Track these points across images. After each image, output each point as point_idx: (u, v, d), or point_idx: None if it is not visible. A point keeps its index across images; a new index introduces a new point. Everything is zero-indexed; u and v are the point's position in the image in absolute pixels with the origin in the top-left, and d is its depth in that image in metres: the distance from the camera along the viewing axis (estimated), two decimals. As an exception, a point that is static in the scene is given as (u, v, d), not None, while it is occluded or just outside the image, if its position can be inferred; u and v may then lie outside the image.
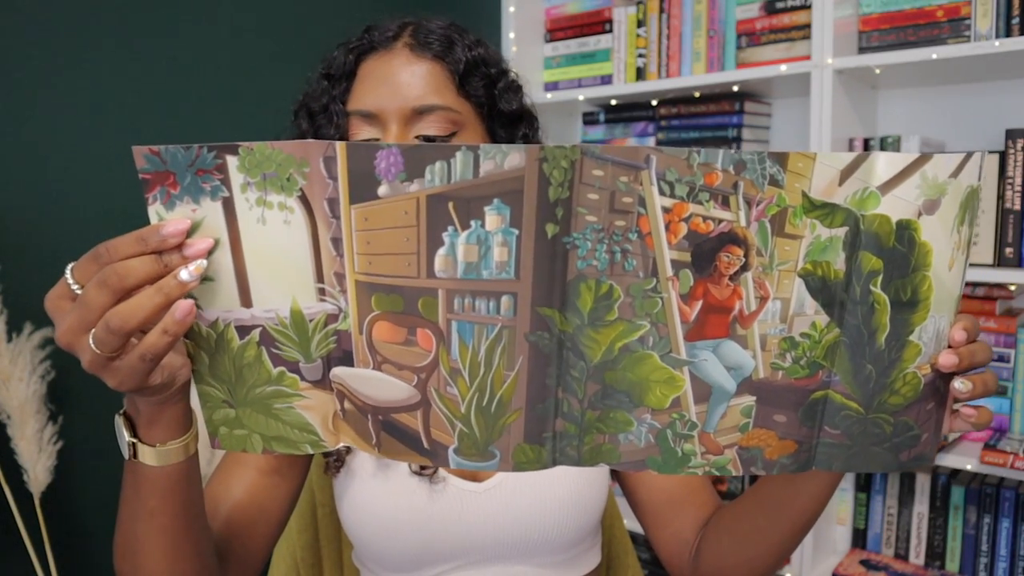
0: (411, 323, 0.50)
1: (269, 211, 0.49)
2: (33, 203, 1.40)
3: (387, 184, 0.47)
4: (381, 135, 0.75)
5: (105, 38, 1.46)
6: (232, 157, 0.47)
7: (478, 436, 0.53)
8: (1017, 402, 1.48)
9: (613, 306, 0.50)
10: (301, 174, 0.48)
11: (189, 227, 0.48)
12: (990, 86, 1.59)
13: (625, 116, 1.94)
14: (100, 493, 1.51)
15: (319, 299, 0.51)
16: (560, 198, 0.47)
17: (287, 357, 0.53)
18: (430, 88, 0.76)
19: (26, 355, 1.32)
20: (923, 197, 0.50)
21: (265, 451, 0.55)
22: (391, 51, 0.77)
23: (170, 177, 0.48)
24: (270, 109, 1.67)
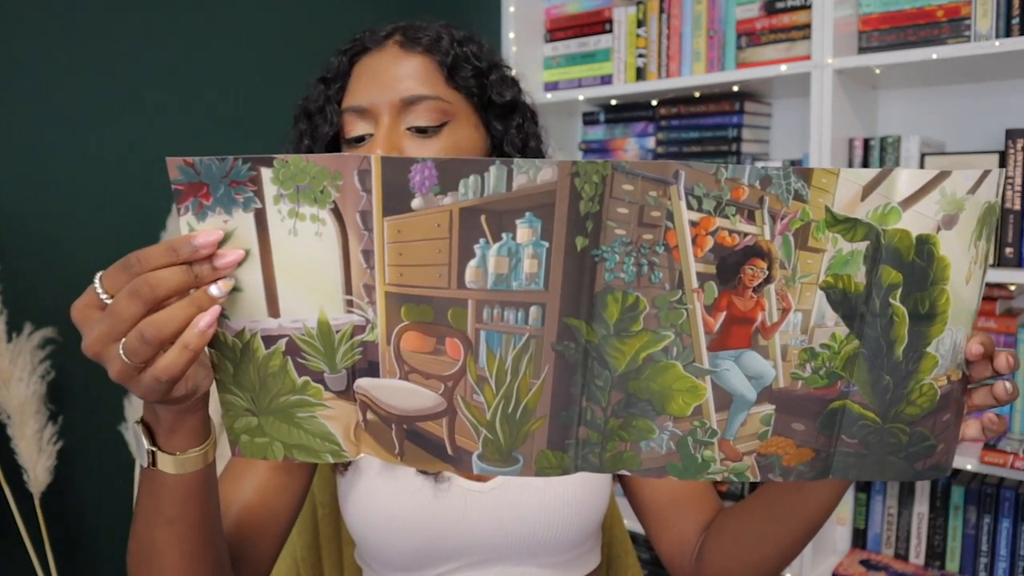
0: (440, 333, 0.51)
1: (301, 223, 0.49)
2: (33, 203, 1.40)
3: (421, 197, 0.48)
4: (373, 128, 0.77)
5: (105, 38, 1.46)
6: (266, 169, 0.48)
7: (502, 442, 0.53)
8: (1017, 402, 1.48)
9: (639, 317, 0.51)
10: (335, 187, 0.49)
11: (221, 238, 0.48)
12: (990, 86, 1.59)
13: (625, 116, 1.94)
14: (100, 493, 1.51)
15: (347, 310, 0.51)
16: (590, 212, 0.49)
17: (312, 367, 0.53)
18: (418, 79, 0.77)
19: (26, 355, 1.32)
20: (942, 212, 0.52)
21: (286, 458, 0.56)
22: (382, 49, 0.79)
23: (203, 188, 0.48)
24: (271, 109, 1.67)
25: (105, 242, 1.48)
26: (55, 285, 1.43)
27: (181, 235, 0.48)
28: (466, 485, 0.80)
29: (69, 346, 1.41)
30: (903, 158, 1.53)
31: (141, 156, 1.53)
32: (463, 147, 0.78)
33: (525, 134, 0.85)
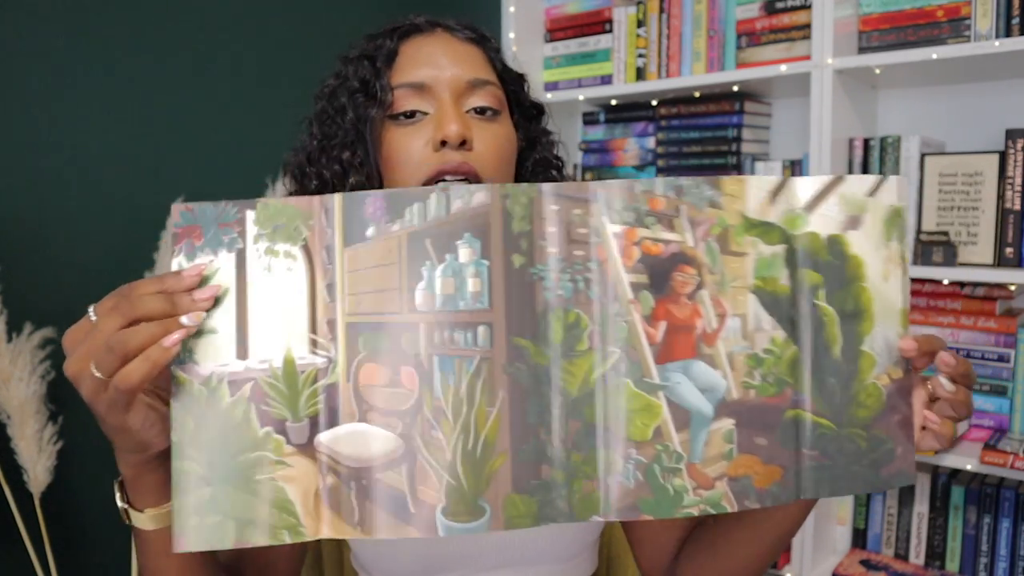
0: (395, 361, 0.53)
1: (275, 259, 0.53)
2: (33, 203, 1.40)
3: (374, 226, 0.53)
4: (429, 107, 0.74)
5: (106, 39, 1.46)
6: (251, 211, 0.53)
7: (466, 487, 0.53)
8: (1017, 402, 1.48)
9: (583, 335, 0.53)
10: (307, 226, 0.53)
11: (203, 271, 0.52)
12: (990, 86, 1.59)
13: (625, 116, 1.94)
14: (100, 493, 1.51)
15: (311, 350, 0.54)
16: (523, 231, 0.53)
17: (275, 414, 0.53)
18: (479, 65, 0.77)
19: (26, 355, 1.32)
20: (844, 214, 0.55)
21: (237, 542, 0.52)
22: (432, 34, 0.78)
23: (197, 230, 0.53)
24: (271, 109, 1.67)
25: (105, 243, 1.48)
26: (55, 285, 1.43)
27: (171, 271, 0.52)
28: None
29: (69, 346, 1.41)
30: (903, 158, 1.53)
31: (141, 156, 1.53)
32: (510, 139, 0.78)
33: (550, 139, 0.86)
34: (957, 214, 1.49)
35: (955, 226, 1.49)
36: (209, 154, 1.62)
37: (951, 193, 1.49)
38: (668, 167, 1.86)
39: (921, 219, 1.52)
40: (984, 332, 1.51)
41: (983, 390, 1.52)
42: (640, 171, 1.91)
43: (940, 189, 1.50)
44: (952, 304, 1.54)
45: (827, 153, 1.54)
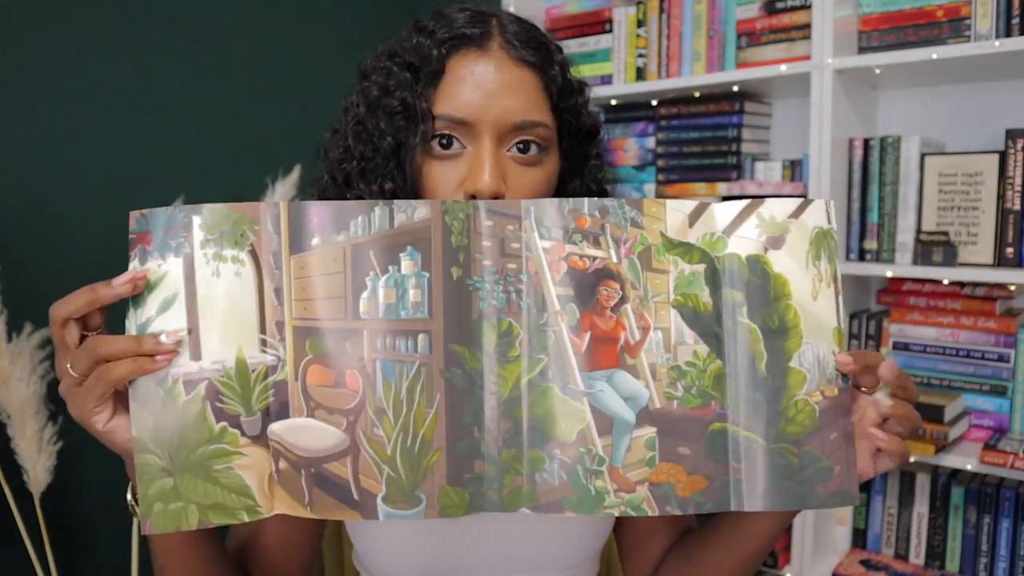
0: (340, 364, 0.56)
1: (223, 264, 0.55)
2: (33, 203, 1.40)
3: (319, 236, 0.55)
4: (471, 144, 0.69)
5: (106, 39, 1.46)
6: (197, 217, 0.55)
7: (404, 479, 0.56)
8: (1017, 402, 1.48)
9: (515, 343, 0.56)
10: (252, 231, 0.55)
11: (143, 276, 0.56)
12: (990, 86, 1.59)
13: (625, 116, 1.94)
14: (100, 493, 1.51)
15: (261, 349, 0.56)
16: (461, 245, 0.56)
17: (229, 411, 0.56)
18: (531, 103, 0.70)
19: (26, 355, 1.32)
20: (765, 235, 0.57)
21: (201, 523, 0.56)
22: (486, 51, 0.69)
23: (148, 235, 0.55)
24: (271, 108, 1.67)
25: (105, 243, 1.48)
26: (55, 285, 1.43)
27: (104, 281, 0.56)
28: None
29: (69, 346, 1.41)
30: (903, 158, 1.53)
31: (141, 156, 1.53)
32: (552, 176, 0.73)
33: (601, 160, 0.81)
34: (957, 214, 1.49)
35: (955, 226, 1.49)
36: (209, 154, 1.62)
37: (951, 193, 1.49)
38: (668, 167, 1.86)
39: (921, 219, 1.52)
40: (984, 332, 1.51)
41: (983, 390, 1.52)
42: (640, 171, 1.91)
43: (940, 189, 1.50)
44: (952, 304, 1.54)
45: (827, 153, 1.54)
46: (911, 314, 1.59)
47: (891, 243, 1.56)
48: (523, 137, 0.70)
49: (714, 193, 1.78)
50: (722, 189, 1.76)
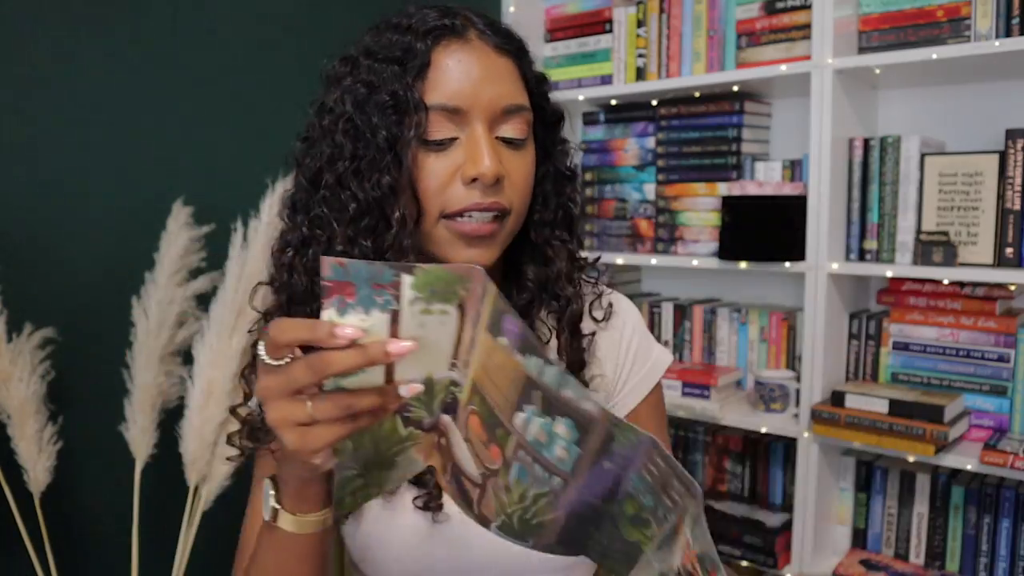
0: (490, 437, 0.58)
1: (429, 316, 0.55)
2: (33, 204, 1.40)
3: (507, 339, 0.54)
4: (461, 132, 0.71)
5: (106, 39, 1.46)
6: (408, 276, 0.53)
7: (516, 529, 0.61)
8: (1017, 402, 1.48)
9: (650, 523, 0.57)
10: (465, 289, 0.55)
11: (360, 336, 0.53)
12: (990, 86, 1.59)
13: (625, 116, 1.94)
14: (100, 493, 1.51)
15: (450, 368, 0.58)
16: (619, 451, 0.55)
17: (415, 417, 0.61)
18: (515, 87, 0.73)
19: (26, 355, 1.32)
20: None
21: (376, 496, 0.67)
22: (467, 40, 0.72)
23: (350, 288, 0.53)
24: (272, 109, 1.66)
25: (105, 243, 1.48)
26: (55, 285, 1.43)
27: (325, 321, 0.53)
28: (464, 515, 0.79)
29: (69, 346, 1.41)
30: (903, 158, 1.53)
31: (141, 157, 1.53)
32: (534, 163, 0.76)
33: (564, 148, 0.83)
34: (957, 214, 1.49)
35: (955, 226, 1.49)
36: (209, 154, 1.62)
37: (951, 193, 1.49)
38: (668, 167, 1.86)
39: (921, 219, 1.52)
40: (984, 332, 1.51)
41: (983, 390, 1.52)
42: (640, 171, 1.91)
43: (940, 189, 1.50)
44: (952, 304, 1.54)
45: (827, 153, 1.54)
46: (911, 314, 1.59)
47: (891, 243, 1.56)
48: (511, 131, 0.72)
49: (714, 193, 1.78)
50: (722, 189, 1.76)
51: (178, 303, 1.44)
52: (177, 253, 1.44)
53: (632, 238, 1.93)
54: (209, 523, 1.47)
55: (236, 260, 1.44)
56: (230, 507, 1.50)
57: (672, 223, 1.86)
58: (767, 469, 1.83)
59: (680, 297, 2.03)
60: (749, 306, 1.87)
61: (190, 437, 1.41)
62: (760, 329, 1.81)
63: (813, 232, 1.57)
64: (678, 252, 1.85)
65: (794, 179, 1.71)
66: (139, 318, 1.42)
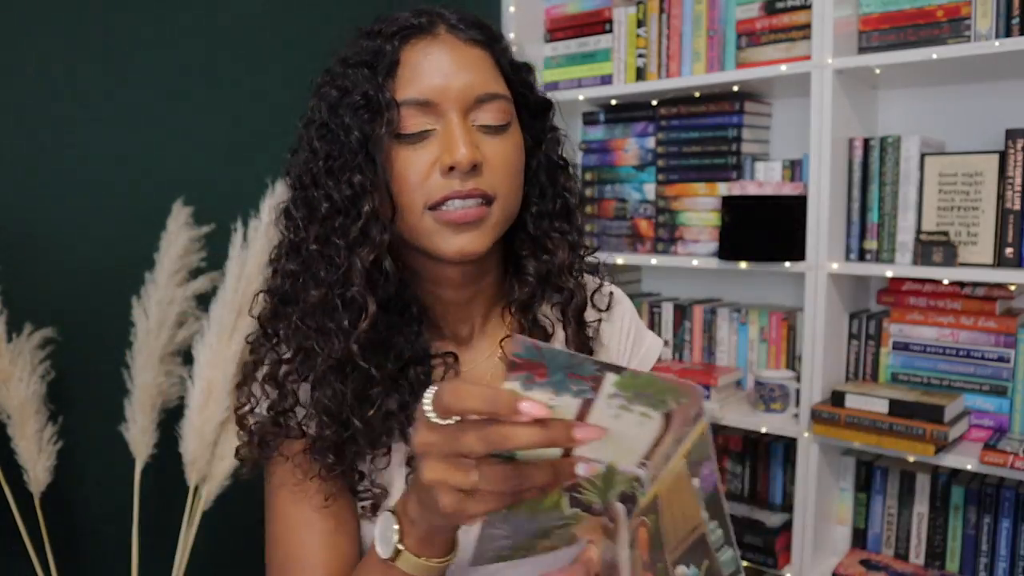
0: (651, 561, 0.57)
1: (628, 413, 0.51)
2: (33, 203, 1.40)
3: (700, 486, 0.53)
4: (436, 124, 0.71)
5: (106, 39, 1.46)
6: (613, 375, 0.48)
7: None
8: (1017, 402, 1.48)
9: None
10: (677, 402, 0.50)
11: (546, 415, 0.49)
12: (990, 86, 1.59)
13: (625, 116, 1.94)
14: (100, 493, 1.51)
15: (638, 466, 0.55)
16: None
17: (585, 500, 0.57)
18: (487, 75, 0.73)
19: (26, 355, 1.32)
20: None
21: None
22: (436, 35, 0.73)
23: (541, 368, 0.49)
24: (272, 109, 1.67)
25: (105, 243, 1.48)
26: (55, 285, 1.43)
27: (506, 392, 0.49)
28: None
29: (69, 346, 1.41)
30: (903, 158, 1.53)
31: (141, 156, 1.53)
32: (519, 149, 0.76)
33: (555, 136, 0.83)
34: (957, 214, 1.49)
35: (955, 226, 1.49)
36: (209, 154, 1.62)
37: (951, 193, 1.49)
38: (668, 167, 1.86)
39: (921, 219, 1.52)
40: (984, 332, 1.51)
41: (983, 390, 1.52)
42: (640, 171, 1.91)
43: (940, 189, 1.50)
44: (952, 304, 1.54)
45: (827, 153, 1.54)
46: (911, 314, 1.59)
47: (891, 243, 1.56)
48: (487, 118, 0.72)
49: (714, 193, 1.78)
50: (722, 189, 1.76)
51: (178, 303, 1.44)
52: (177, 253, 1.44)
53: (632, 238, 1.93)
54: (209, 523, 1.47)
55: (236, 260, 1.44)
56: (230, 507, 1.50)
57: (672, 223, 1.86)
58: (767, 469, 1.82)
59: (680, 297, 2.03)
60: (749, 306, 1.87)
61: (190, 437, 1.41)
62: (760, 329, 1.81)
63: (813, 232, 1.57)
64: (678, 252, 1.85)
65: (794, 179, 1.71)
66: (139, 318, 1.42)
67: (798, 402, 1.64)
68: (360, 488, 0.76)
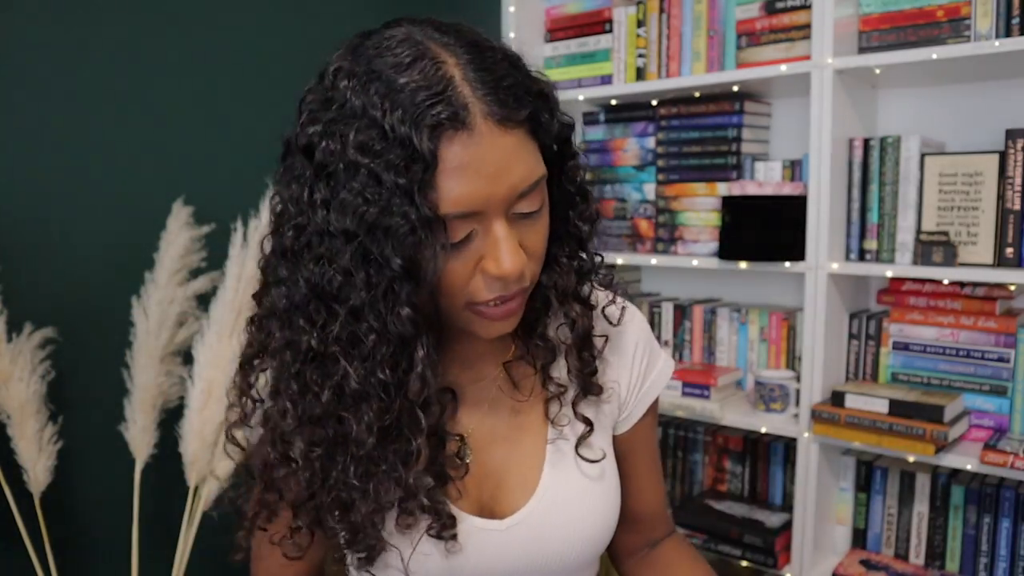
0: None
1: None
2: (33, 203, 1.40)
3: None
4: (478, 225, 0.65)
5: (106, 38, 1.46)
6: None
7: None
8: (1017, 402, 1.48)
9: None
10: None
11: None
12: (990, 86, 1.59)
13: (625, 116, 1.94)
14: (100, 493, 1.51)
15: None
16: None
17: None
18: (531, 162, 0.66)
19: (26, 355, 1.32)
20: None
21: None
22: (472, 130, 0.62)
23: None
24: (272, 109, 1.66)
25: (105, 243, 1.48)
26: (55, 285, 1.43)
27: None
28: (481, 524, 0.78)
29: (69, 346, 1.41)
30: (903, 158, 1.53)
31: (141, 156, 1.53)
32: (548, 211, 0.71)
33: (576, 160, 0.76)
34: (957, 214, 1.49)
35: (955, 226, 1.49)
36: (209, 154, 1.62)
37: (951, 193, 1.49)
38: (668, 167, 1.86)
39: (921, 219, 1.52)
40: (984, 332, 1.51)
41: (983, 390, 1.52)
42: (640, 171, 1.91)
43: (940, 189, 1.50)
44: (952, 304, 1.54)
45: (827, 153, 1.54)
46: (911, 314, 1.59)
47: (891, 243, 1.56)
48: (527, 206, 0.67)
49: (714, 193, 1.78)
50: (722, 189, 1.76)
51: (178, 303, 1.44)
52: (177, 253, 1.44)
53: (632, 238, 1.93)
54: (209, 523, 1.47)
55: (236, 260, 1.44)
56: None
57: (672, 223, 1.86)
58: (767, 469, 1.83)
59: (680, 297, 2.03)
60: (749, 306, 1.87)
61: (190, 437, 1.41)
62: (760, 329, 1.81)
63: (813, 232, 1.57)
64: (678, 252, 1.85)
65: (794, 179, 1.71)
66: (139, 318, 1.42)
67: (798, 402, 1.64)
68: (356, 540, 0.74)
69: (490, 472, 0.80)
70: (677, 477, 1.95)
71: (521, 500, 0.79)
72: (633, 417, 0.88)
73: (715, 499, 1.84)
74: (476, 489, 0.79)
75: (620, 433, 0.88)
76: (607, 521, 0.82)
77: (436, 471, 0.75)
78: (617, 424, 0.87)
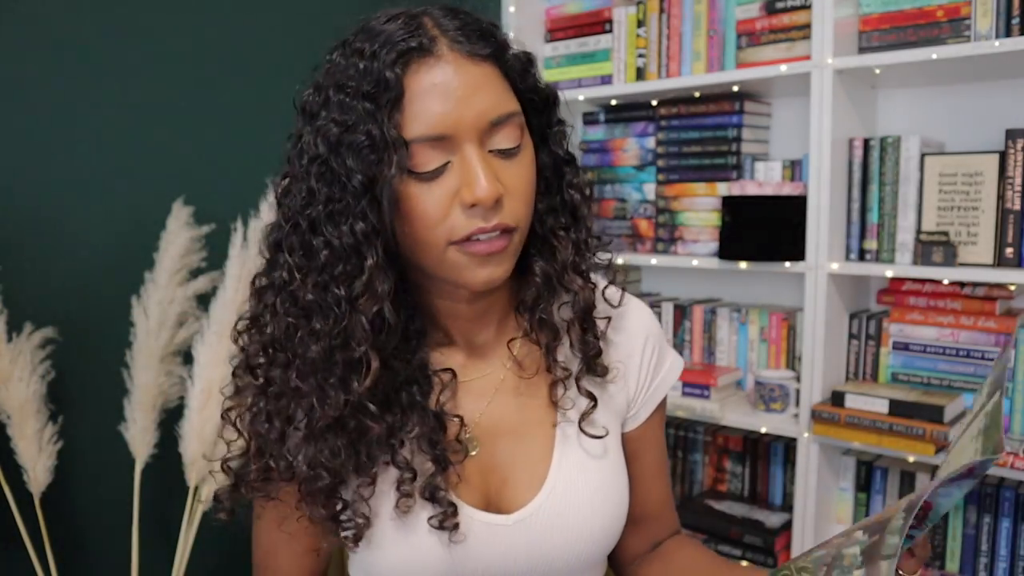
0: None
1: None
2: (33, 203, 1.40)
3: None
4: (451, 156, 0.67)
5: (106, 39, 1.46)
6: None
7: None
8: (1017, 402, 1.48)
9: None
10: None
11: None
12: (990, 86, 1.59)
13: (625, 116, 1.94)
14: (100, 493, 1.51)
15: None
16: None
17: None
18: (500, 93, 0.69)
19: (26, 355, 1.32)
20: None
21: None
22: (439, 57, 0.67)
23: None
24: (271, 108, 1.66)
25: (105, 243, 1.48)
26: (55, 285, 1.43)
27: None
28: (487, 519, 0.77)
29: (69, 346, 1.41)
30: (903, 158, 1.53)
31: (141, 156, 1.53)
32: (532, 164, 0.73)
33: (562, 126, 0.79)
34: (957, 214, 1.49)
35: (955, 226, 1.49)
36: (209, 154, 1.62)
37: (951, 193, 1.49)
38: (668, 167, 1.86)
39: (921, 219, 1.52)
40: (984, 332, 1.51)
41: (983, 390, 1.51)
42: (640, 171, 1.91)
43: (940, 189, 1.50)
44: (952, 304, 1.54)
45: (827, 153, 1.54)
46: (911, 314, 1.59)
47: (891, 243, 1.56)
48: (503, 141, 0.69)
49: (714, 193, 1.78)
50: (722, 189, 1.76)
51: (178, 303, 1.44)
52: (177, 253, 1.44)
53: (632, 238, 1.93)
54: (209, 523, 1.47)
55: (236, 260, 1.44)
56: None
57: (672, 223, 1.86)
58: (767, 469, 1.83)
59: (680, 297, 2.03)
60: (749, 306, 1.87)
61: (190, 437, 1.41)
62: (760, 329, 1.81)
63: (813, 232, 1.57)
64: (678, 252, 1.85)
65: (794, 179, 1.71)
66: (139, 318, 1.42)
67: (798, 402, 1.64)
68: (344, 518, 0.74)
69: (496, 466, 0.80)
70: (677, 477, 1.95)
71: (528, 494, 0.78)
72: (643, 414, 0.88)
73: (715, 499, 1.84)
74: (482, 483, 0.79)
75: (629, 430, 0.88)
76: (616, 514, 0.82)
77: (436, 455, 0.74)
78: (626, 420, 0.87)
